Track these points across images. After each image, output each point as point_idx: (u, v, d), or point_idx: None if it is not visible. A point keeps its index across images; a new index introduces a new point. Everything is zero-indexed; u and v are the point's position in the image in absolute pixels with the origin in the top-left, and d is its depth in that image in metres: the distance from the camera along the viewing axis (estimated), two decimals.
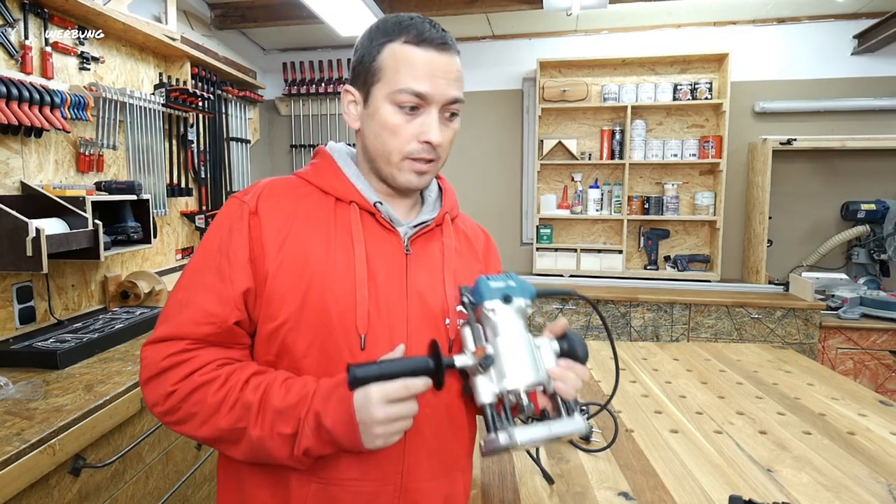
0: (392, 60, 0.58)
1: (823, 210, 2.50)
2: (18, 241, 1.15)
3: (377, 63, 0.59)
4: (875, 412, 1.03)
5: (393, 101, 0.58)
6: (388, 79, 0.58)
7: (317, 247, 0.58)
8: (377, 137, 0.60)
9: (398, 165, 0.60)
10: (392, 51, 0.58)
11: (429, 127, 0.58)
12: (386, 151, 0.60)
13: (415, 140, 0.58)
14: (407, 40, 0.58)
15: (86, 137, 1.57)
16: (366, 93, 0.60)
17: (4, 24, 1.31)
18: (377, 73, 0.59)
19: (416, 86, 0.57)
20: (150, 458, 1.17)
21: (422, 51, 0.57)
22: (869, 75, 2.42)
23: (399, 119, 0.58)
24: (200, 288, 0.56)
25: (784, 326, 2.16)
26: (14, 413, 0.92)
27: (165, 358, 0.54)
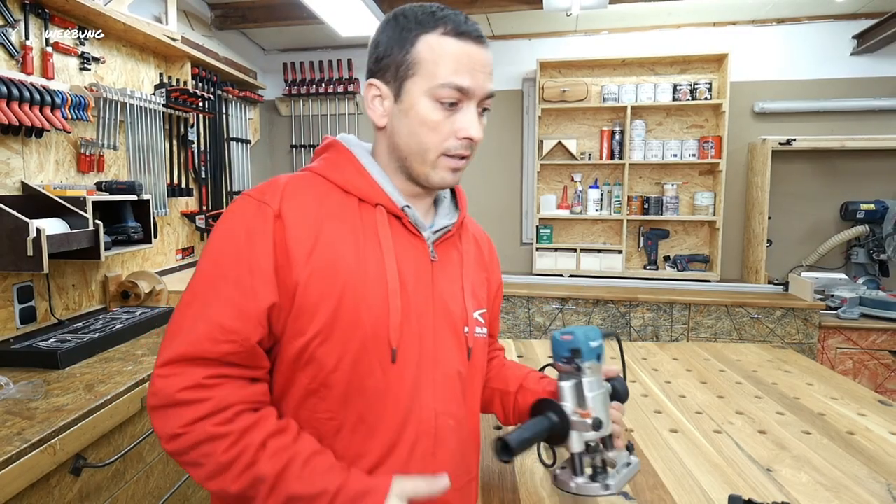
0: (430, 53, 0.54)
1: (823, 210, 2.50)
2: (19, 241, 1.15)
3: (411, 56, 0.55)
4: (874, 412, 1.03)
5: (432, 97, 0.54)
6: (425, 73, 0.54)
7: (347, 253, 0.54)
8: (413, 134, 0.56)
9: (434, 163, 0.57)
10: (429, 43, 0.54)
11: (469, 122, 0.55)
12: (422, 149, 0.56)
13: (453, 136, 0.56)
14: (445, 32, 0.54)
15: (86, 137, 1.57)
16: (397, 87, 0.56)
17: (5, 24, 1.31)
18: (412, 67, 0.55)
19: (458, 80, 0.54)
20: (151, 457, 1.17)
21: (461, 43, 0.54)
22: (868, 75, 2.43)
23: (438, 115, 0.55)
24: (216, 301, 0.50)
25: (783, 326, 2.16)
26: (15, 413, 0.93)
27: (180, 391, 0.47)
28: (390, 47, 0.56)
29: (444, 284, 0.59)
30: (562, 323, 2.33)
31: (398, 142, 0.57)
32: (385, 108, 0.58)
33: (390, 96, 0.57)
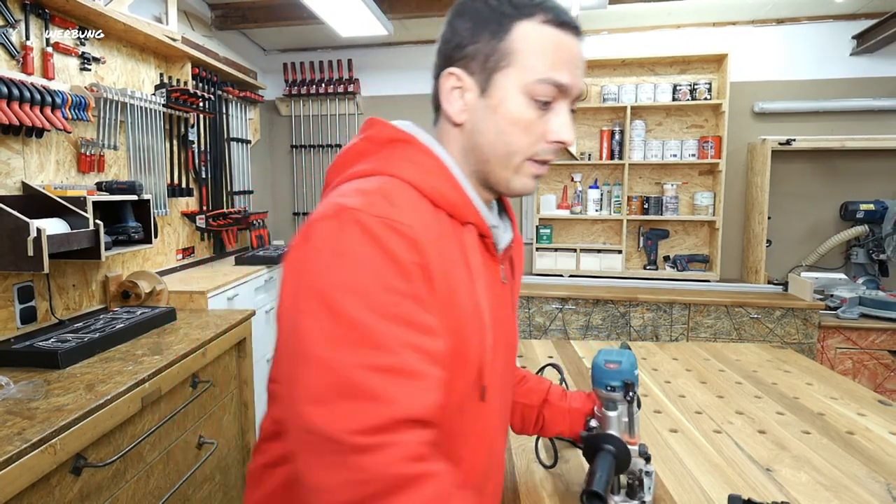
0: (527, 43, 0.47)
1: (822, 210, 2.51)
2: (19, 241, 1.15)
3: (506, 44, 0.47)
4: (874, 412, 1.03)
5: (528, 93, 0.47)
6: (522, 65, 0.47)
7: (460, 286, 0.46)
8: (501, 134, 0.49)
9: (518, 168, 0.50)
10: (526, 31, 0.47)
11: (563, 124, 0.49)
12: (509, 152, 0.49)
13: (543, 139, 0.49)
14: (546, 20, 0.48)
15: (87, 138, 1.57)
16: (484, 79, 0.49)
17: (6, 24, 1.31)
18: (506, 57, 0.48)
19: (557, 76, 0.47)
20: (151, 457, 1.17)
21: (563, 34, 0.48)
22: (868, 76, 2.43)
23: (532, 114, 0.48)
24: (397, 346, 0.38)
25: (783, 326, 2.16)
26: (15, 413, 0.92)
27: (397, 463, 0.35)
28: (478, 32, 0.48)
29: (507, 308, 0.55)
30: (562, 323, 2.34)
31: (480, 142, 0.50)
32: (466, 102, 0.50)
33: (474, 89, 0.49)
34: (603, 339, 2.20)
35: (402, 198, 0.45)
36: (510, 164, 0.50)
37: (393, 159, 0.49)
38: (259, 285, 2.13)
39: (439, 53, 0.52)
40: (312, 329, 0.39)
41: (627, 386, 0.57)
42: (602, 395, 0.60)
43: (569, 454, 0.86)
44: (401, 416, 0.36)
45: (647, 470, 0.61)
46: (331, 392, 0.36)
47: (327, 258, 0.40)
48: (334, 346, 0.37)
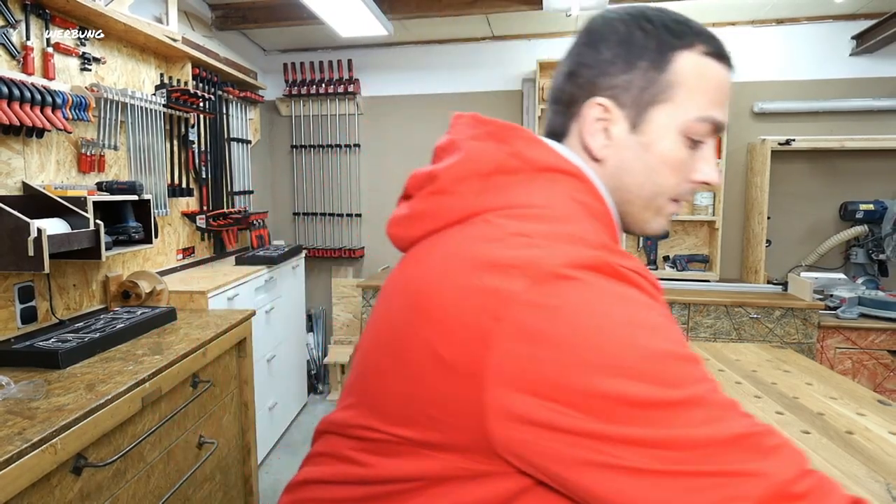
0: (689, 76, 0.43)
1: (822, 210, 2.51)
2: (20, 241, 1.15)
3: (666, 76, 0.43)
4: (873, 411, 1.04)
5: (684, 131, 0.44)
6: (682, 100, 0.43)
7: None
8: (652, 174, 0.45)
9: (659, 209, 0.46)
10: (688, 63, 0.43)
11: (712, 166, 0.45)
12: (655, 193, 0.46)
13: (687, 179, 0.46)
14: (707, 51, 0.44)
15: (87, 138, 1.58)
16: (637, 113, 0.44)
17: (6, 24, 1.31)
18: (665, 91, 0.43)
19: (717, 114, 0.44)
20: (152, 457, 1.17)
21: (722, 68, 0.44)
22: (867, 76, 2.43)
23: (684, 153, 0.44)
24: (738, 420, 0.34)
25: (783, 326, 2.17)
26: (15, 412, 0.92)
27: None
28: (632, 60, 0.44)
29: None
30: None
31: (627, 181, 0.46)
32: (612, 136, 0.45)
33: (623, 123, 0.45)
34: None
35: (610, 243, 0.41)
36: (653, 204, 0.46)
37: (559, 195, 0.43)
38: (259, 285, 2.13)
39: (575, 77, 0.46)
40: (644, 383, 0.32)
41: None
42: None
43: None
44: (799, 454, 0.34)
45: None
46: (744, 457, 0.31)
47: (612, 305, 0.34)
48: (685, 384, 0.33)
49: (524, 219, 0.40)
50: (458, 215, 0.43)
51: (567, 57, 0.49)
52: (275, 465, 2.19)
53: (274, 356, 2.24)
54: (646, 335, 0.34)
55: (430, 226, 0.45)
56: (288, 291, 2.45)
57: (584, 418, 0.32)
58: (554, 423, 0.33)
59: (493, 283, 0.35)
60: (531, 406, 0.33)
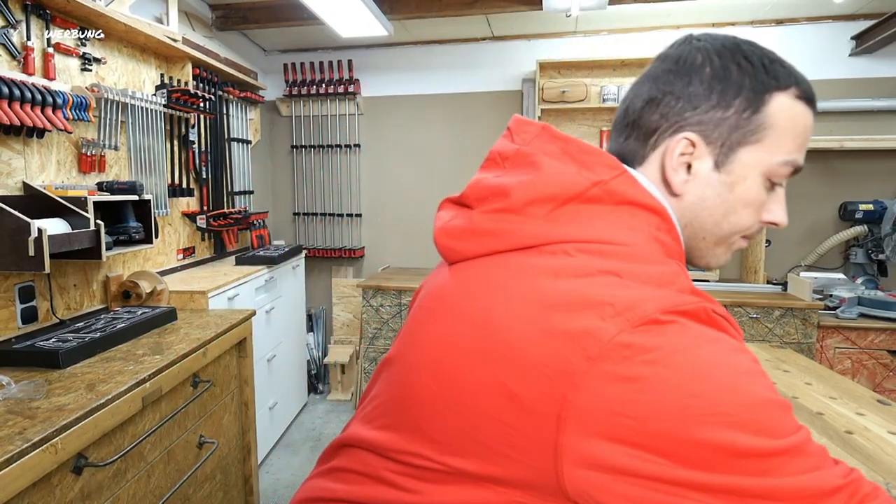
0: (783, 119, 0.42)
1: (822, 210, 2.51)
2: (20, 241, 1.16)
3: (761, 117, 0.42)
4: (873, 411, 1.04)
5: (769, 174, 0.43)
6: (772, 143, 0.42)
7: None
8: (732, 214, 0.44)
9: (729, 244, 0.46)
10: (783, 106, 0.42)
11: (780, 205, 0.46)
12: (731, 232, 0.45)
13: (757, 220, 0.45)
14: (799, 95, 0.43)
15: (87, 138, 1.58)
16: (725, 152, 0.42)
17: (7, 25, 1.32)
18: (758, 132, 0.42)
19: (801, 158, 0.43)
20: (152, 456, 1.17)
21: (810, 112, 0.43)
22: (867, 76, 2.43)
23: (764, 195, 0.44)
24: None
25: (782, 326, 2.17)
26: (16, 412, 0.93)
27: None
28: (728, 98, 0.42)
29: None
30: None
31: (704, 219, 0.44)
32: (695, 172, 0.43)
33: (707, 159, 0.43)
34: None
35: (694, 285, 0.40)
36: (726, 241, 0.46)
37: (641, 232, 0.41)
38: (259, 285, 2.13)
39: (658, 105, 0.44)
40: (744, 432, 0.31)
41: None
42: None
43: None
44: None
45: None
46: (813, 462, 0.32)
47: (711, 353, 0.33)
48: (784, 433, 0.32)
49: (609, 256, 0.38)
50: (530, 241, 0.40)
51: (648, 81, 0.47)
52: (275, 465, 2.19)
53: (274, 356, 2.24)
54: (745, 382, 0.33)
55: (495, 246, 0.42)
56: (288, 291, 2.45)
57: (676, 466, 0.31)
58: (639, 471, 0.32)
59: (586, 322, 0.34)
60: (613, 453, 0.32)
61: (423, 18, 2.33)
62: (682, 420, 0.31)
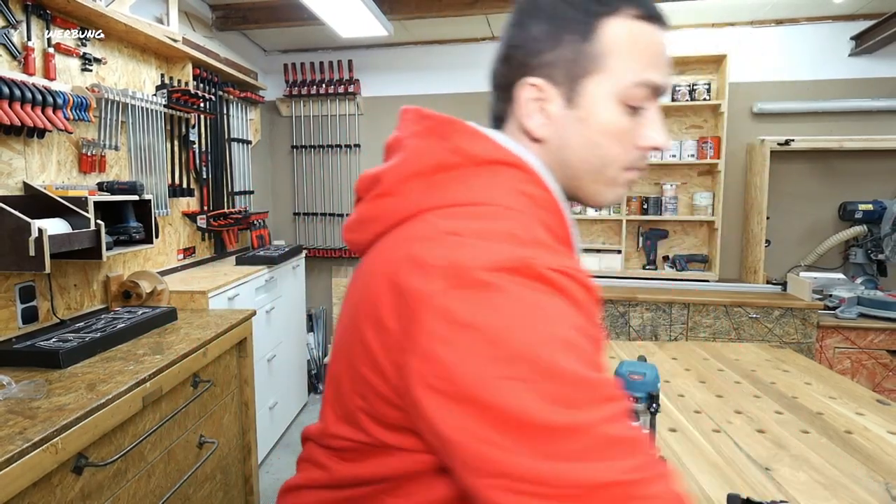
0: (618, 43, 0.42)
1: (821, 210, 2.51)
2: (21, 241, 1.16)
3: (593, 46, 0.42)
4: (872, 411, 1.04)
5: (621, 99, 0.42)
6: (614, 68, 0.42)
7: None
8: (594, 147, 0.44)
9: (612, 180, 0.45)
10: (616, 29, 0.42)
11: (658, 129, 0.44)
12: (603, 165, 0.44)
13: (633, 146, 0.44)
14: (636, 14, 0.42)
15: (88, 138, 1.58)
16: (571, 88, 0.43)
17: (7, 25, 1.32)
18: (595, 61, 0.42)
19: (654, 77, 0.42)
20: (152, 456, 1.17)
21: (654, 29, 0.43)
22: (866, 76, 2.43)
23: (625, 122, 0.43)
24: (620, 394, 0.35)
25: (782, 326, 2.17)
26: (16, 412, 0.93)
27: None
28: (559, 35, 0.42)
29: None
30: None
31: (570, 158, 0.45)
32: (549, 114, 0.44)
33: (558, 100, 0.44)
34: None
35: (547, 238, 0.41)
36: (601, 177, 0.45)
37: (501, 187, 0.42)
38: (260, 285, 2.13)
39: (507, 60, 0.46)
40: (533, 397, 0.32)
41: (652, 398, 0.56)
42: None
43: None
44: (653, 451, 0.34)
45: None
46: (596, 450, 0.31)
47: (521, 317, 0.34)
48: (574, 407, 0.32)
49: (458, 217, 0.40)
50: (402, 216, 0.42)
51: (501, 40, 0.48)
52: (275, 465, 2.20)
53: (274, 356, 2.24)
54: (547, 349, 0.33)
55: (378, 229, 0.44)
56: (288, 291, 2.45)
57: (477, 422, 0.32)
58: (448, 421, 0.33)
59: (415, 283, 0.36)
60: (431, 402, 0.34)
61: (424, 18, 2.33)
62: (481, 381, 0.32)
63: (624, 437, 0.32)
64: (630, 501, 0.31)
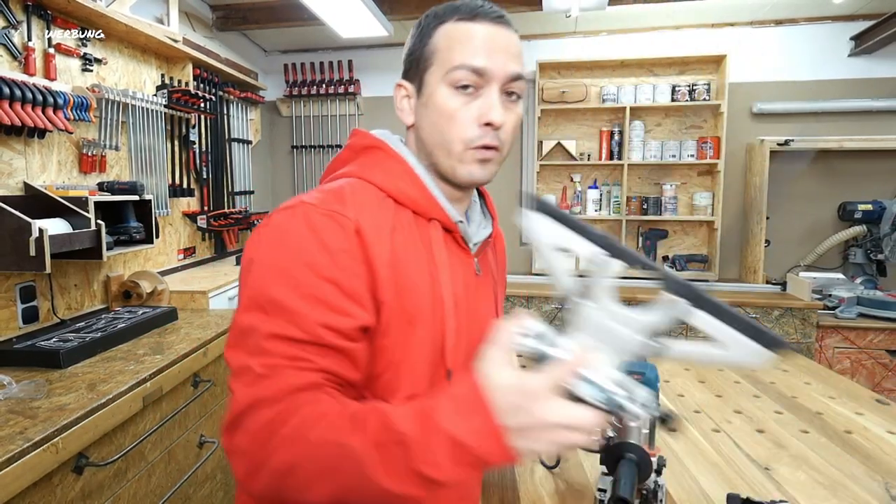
0: (446, 40, 0.52)
1: (821, 210, 2.52)
2: (21, 242, 1.16)
3: (429, 47, 0.53)
4: (872, 411, 1.04)
5: (448, 82, 0.51)
6: (441, 59, 0.52)
7: (416, 274, 0.50)
8: (434, 126, 0.53)
9: (460, 156, 0.53)
10: (445, 31, 0.53)
11: (487, 106, 0.51)
12: (445, 141, 0.53)
13: (475, 124, 0.51)
14: (460, 17, 0.52)
15: (88, 138, 1.58)
16: (419, 82, 0.54)
17: (7, 25, 1.32)
18: (430, 58, 0.53)
19: (473, 61, 0.50)
20: (153, 456, 1.18)
21: (476, 24, 0.52)
22: (866, 76, 2.44)
23: (456, 101, 0.51)
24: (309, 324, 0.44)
25: (782, 326, 2.17)
26: (17, 412, 0.93)
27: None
28: (413, 46, 0.55)
29: (484, 299, 0.58)
30: (561, 322, 2.34)
31: (423, 137, 0.55)
32: (411, 105, 0.56)
33: (413, 93, 0.55)
34: None
35: (358, 196, 0.51)
36: (450, 152, 0.53)
37: (366, 164, 0.55)
38: None
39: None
40: (244, 295, 0.47)
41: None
42: None
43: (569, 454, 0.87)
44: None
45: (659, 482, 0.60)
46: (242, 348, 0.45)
47: (272, 242, 0.47)
48: (254, 313, 0.45)
49: (329, 182, 0.54)
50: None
51: None
52: None
53: None
54: (264, 274, 0.46)
55: None
56: None
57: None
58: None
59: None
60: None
61: None
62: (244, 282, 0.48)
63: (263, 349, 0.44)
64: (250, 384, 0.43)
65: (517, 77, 0.52)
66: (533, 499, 0.75)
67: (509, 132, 0.53)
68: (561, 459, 0.83)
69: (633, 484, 0.52)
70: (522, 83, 0.53)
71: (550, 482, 0.79)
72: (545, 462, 0.83)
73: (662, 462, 0.58)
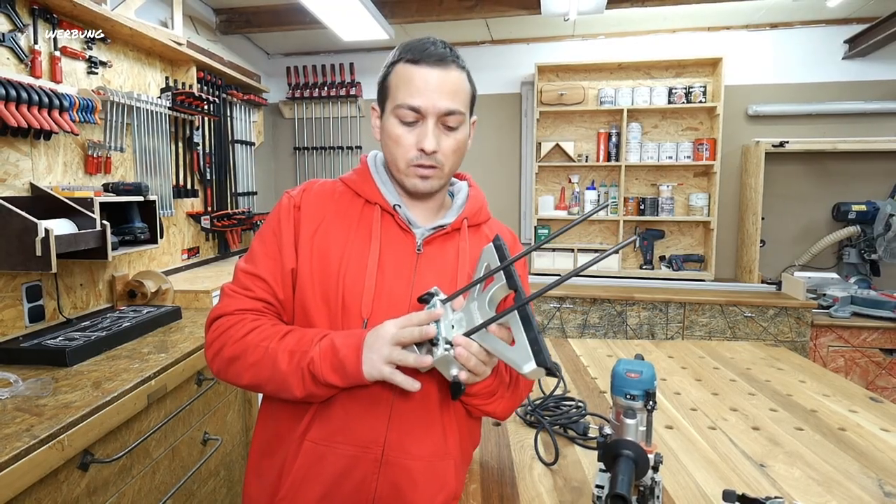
0: (395, 79, 0.66)
1: (815, 211, 2.54)
2: (28, 242, 1.17)
3: (387, 82, 0.67)
4: (865, 408, 1.06)
5: (395, 115, 0.66)
6: (392, 95, 0.66)
7: (338, 240, 0.67)
8: (387, 146, 0.69)
9: (405, 172, 0.68)
10: (396, 70, 0.66)
11: (422, 136, 0.65)
12: (394, 159, 0.68)
13: (414, 148, 0.66)
14: (407, 60, 0.65)
15: (94, 140, 1.59)
16: (382, 108, 0.69)
17: (14, 28, 1.34)
18: (387, 91, 0.67)
19: (410, 101, 0.64)
20: (157, 453, 1.19)
21: (417, 68, 0.64)
22: (859, 79, 2.47)
23: (400, 130, 0.66)
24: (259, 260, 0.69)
25: (776, 325, 2.19)
26: (24, 409, 0.94)
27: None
28: (381, 78, 0.69)
29: (430, 275, 0.68)
30: (559, 322, 2.36)
31: (385, 154, 0.71)
32: (378, 126, 0.71)
33: (379, 116, 0.70)
34: (600, 338, 2.22)
35: (317, 187, 0.72)
36: (399, 168, 0.68)
37: (351, 172, 0.74)
38: None
39: None
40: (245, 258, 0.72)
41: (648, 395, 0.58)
42: (621, 404, 0.60)
43: (567, 451, 0.88)
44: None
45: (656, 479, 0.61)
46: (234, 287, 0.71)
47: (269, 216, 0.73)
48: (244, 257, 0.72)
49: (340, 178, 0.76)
50: None
51: None
52: None
53: None
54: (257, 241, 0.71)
55: None
56: None
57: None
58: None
59: None
60: None
61: (424, 22, 2.36)
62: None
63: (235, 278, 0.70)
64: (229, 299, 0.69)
65: (450, 112, 0.65)
66: (532, 495, 0.75)
67: (448, 154, 0.67)
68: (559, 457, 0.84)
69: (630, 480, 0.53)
70: (458, 116, 0.66)
71: (549, 479, 0.80)
72: (543, 458, 0.85)
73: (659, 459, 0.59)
